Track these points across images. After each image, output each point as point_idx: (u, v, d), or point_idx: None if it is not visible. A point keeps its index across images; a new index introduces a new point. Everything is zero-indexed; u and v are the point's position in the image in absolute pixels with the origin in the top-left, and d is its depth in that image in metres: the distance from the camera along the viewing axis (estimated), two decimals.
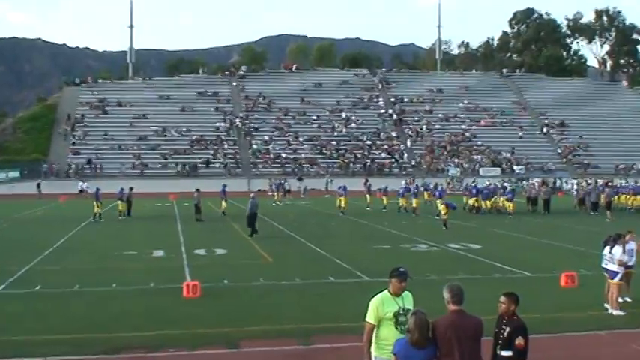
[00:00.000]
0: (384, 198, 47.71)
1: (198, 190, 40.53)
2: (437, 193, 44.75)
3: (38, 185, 65.46)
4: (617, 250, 15.47)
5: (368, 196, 49.22)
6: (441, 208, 36.10)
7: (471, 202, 44.27)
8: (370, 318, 8.31)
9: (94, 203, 40.15)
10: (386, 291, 8.42)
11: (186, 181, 68.04)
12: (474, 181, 58.99)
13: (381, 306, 8.28)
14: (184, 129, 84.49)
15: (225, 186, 45.09)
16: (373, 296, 8.45)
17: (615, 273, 15.40)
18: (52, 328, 14.22)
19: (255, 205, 31.45)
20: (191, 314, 15.43)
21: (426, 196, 48.93)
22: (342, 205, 44.10)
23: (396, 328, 8.13)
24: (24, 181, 71.09)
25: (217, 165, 78.39)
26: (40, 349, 12.73)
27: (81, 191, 65.25)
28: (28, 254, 25.01)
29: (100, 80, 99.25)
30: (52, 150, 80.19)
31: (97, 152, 78.62)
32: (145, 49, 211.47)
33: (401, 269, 8.41)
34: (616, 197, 47.31)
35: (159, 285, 19.14)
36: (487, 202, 44.25)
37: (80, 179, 70.11)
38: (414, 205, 43.38)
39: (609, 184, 53.45)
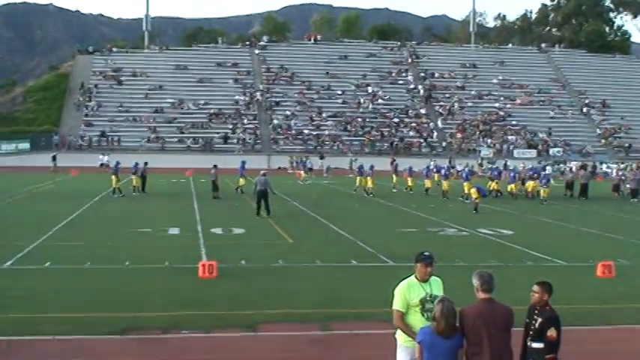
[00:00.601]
0: (409, 179, 47.63)
1: (215, 165, 40.63)
2: (464, 175, 44.46)
3: (54, 158, 66.16)
4: None
5: (394, 176, 49.09)
6: (472, 191, 35.91)
7: (493, 185, 43.86)
8: (398, 305, 8.30)
9: (112, 177, 40.64)
10: (412, 277, 8.42)
11: (203, 157, 68.34)
12: (505, 163, 58.85)
13: (408, 292, 8.29)
14: (202, 102, 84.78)
15: (244, 162, 45.14)
16: (399, 282, 8.48)
17: None
18: (62, 306, 14.40)
19: (264, 183, 31.26)
20: (207, 295, 15.56)
21: (435, 177, 49.37)
22: (369, 184, 43.91)
23: (423, 315, 8.14)
24: (34, 153, 71.83)
25: (236, 140, 78.57)
26: (49, 327, 12.88)
27: (102, 165, 65.76)
28: (37, 229, 25.30)
29: (114, 49, 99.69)
30: (64, 121, 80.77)
31: (111, 124, 79.08)
32: (161, 17, 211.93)
33: (426, 253, 8.41)
34: None
35: (174, 264, 19.29)
36: (513, 185, 43.76)
37: (101, 152, 70.52)
38: (445, 187, 43.14)
39: None
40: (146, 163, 44.40)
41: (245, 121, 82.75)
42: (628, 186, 45.90)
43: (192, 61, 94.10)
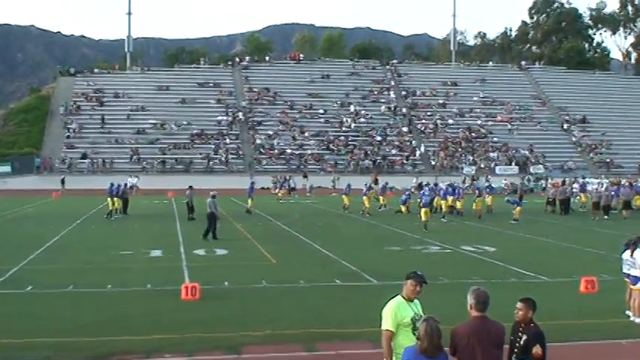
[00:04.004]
0: (381, 197, 47.95)
1: (191, 187, 40.48)
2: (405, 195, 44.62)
3: (62, 181, 66.33)
4: (639, 254, 15.40)
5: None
6: (423, 211, 35.21)
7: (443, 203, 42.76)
8: (389, 325, 8.19)
9: (109, 200, 41.16)
10: (399, 296, 8.36)
11: (185, 177, 68.03)
12: (486, 179, 58.99)
13: (399, 311, 8.20)
14: (184, 122, 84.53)
15: (253, 183, 47.23)
16: (387, 302, 8.40)
17: (638, 279, 15.34)
18: (44, 331, 14.24)
19: (210, 205, 30.59)
20: (190, 318, 15.43)
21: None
22: (366, 204, 43.77)
23: (414, 334, 7.96)
24: (16, 176, 71.41)
25: (217, 160, 78.40)
26: (31, 352, 12.77)
27: (131, 187, 65.06)
28: (19, 253, 25.10)
29: (96, 70, 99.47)
30: (46, 143, 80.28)
31: (93, 146, 78.71)
32: (143, 38, 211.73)
33: (419, 272, 8.43)
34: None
35: (156, 286, 19.16)
36: (444, 202, 42.38)
37: (129, 174, 69.71)
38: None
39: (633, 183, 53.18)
40: (126, 185, 44.34)
41: (227, 141, 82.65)
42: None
43: (175, 81, 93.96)
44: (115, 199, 41.93)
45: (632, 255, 15.49)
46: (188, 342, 13.53)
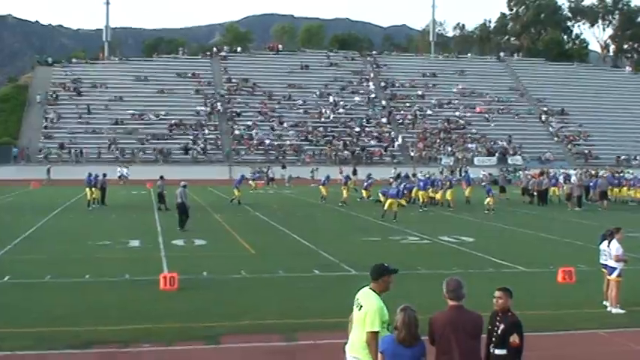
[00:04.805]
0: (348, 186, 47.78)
1: (162, 177, 40.36)
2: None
3: (48, 171, 65.84)
4: (614, 245, 15.52)
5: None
6: (390, 201, 35.15)
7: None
8: (377, 326, 7.75)
9: (87, 190, 40.96)
10: (374, 292, 8.01)
11: (164, 168, 67.71)
12: (466, 171, 59.17)
13: (384, 311, 7.82)
14: (163, 112, 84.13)
15: (243, 175, 47.05)
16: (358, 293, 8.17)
17: (614, 269, 15.46)
18: (21, 321, 14.17)
19: (181, 195, 30.21)
20: (168, 308, 15.39)
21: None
22: (345, 194, 43.83)
23: (389, 331, 7.76)
24: None
25: (196, 151, 78.10)
26: (9, 342, 12.67)
27: (120, 177, 64.63)
28: None
29: (74, 60, 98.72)
30: (23, 133, 79.59)
31: (71, 136, 78.17)
32: (121, 27, 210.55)
33: (386, 264, 8.16)
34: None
35: (134, 277, 19.06)
36: (423, 193, 42.18)
37: (119, 164, 69.36)
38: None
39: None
40: (105, 175, 44.06)
41: (206, 131, 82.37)
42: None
43: (153, 71, 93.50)
44: (93, 189, 41.70)
45: (608, 246, 15.61)
46: (166, 332, 13.48)
